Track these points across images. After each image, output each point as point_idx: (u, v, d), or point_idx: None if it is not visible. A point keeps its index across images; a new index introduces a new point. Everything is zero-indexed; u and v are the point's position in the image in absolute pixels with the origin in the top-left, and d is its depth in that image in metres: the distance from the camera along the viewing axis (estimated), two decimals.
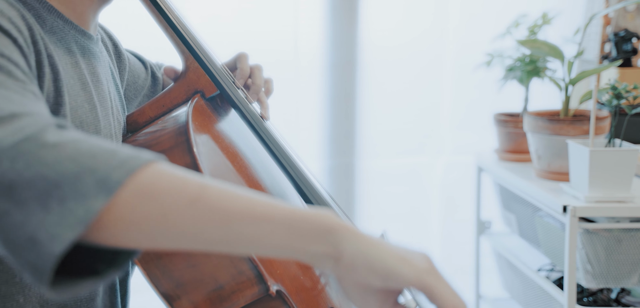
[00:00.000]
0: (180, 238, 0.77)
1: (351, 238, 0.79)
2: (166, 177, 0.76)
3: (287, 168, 1.25)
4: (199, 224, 0.76)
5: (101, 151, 0.75)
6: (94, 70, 1.15)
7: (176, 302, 1.08)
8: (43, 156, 0.73)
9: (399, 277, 0.79)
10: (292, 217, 0.78)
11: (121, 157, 0.75)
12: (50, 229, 0.72)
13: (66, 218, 0.72)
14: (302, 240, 0.78)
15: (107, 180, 0.73)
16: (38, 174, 0.73)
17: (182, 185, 0.76)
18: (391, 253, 0.80)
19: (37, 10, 1.06)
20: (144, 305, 1.63)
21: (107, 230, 0.75)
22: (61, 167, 0.73)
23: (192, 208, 0.76)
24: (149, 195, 0.75)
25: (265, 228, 0.77)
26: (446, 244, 2.74)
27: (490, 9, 2.64)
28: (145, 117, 1.23)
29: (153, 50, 1.66)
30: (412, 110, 2.69)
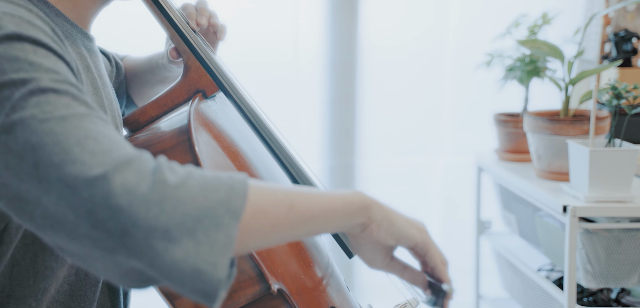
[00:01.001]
0: (281, 239, 0.96)
1: (378, 209, 1.00)
2: (263, 193, 0.90)
3: (287, 166, 1.25)
4: (295, 227, 0.93)
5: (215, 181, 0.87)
6: (100, 73, 1.15)
7: (177, 300, 1.08)
8: (180, 196, 0.84)
9: (409, 238, 1.01)
10: (345, 203, 0.97)
11: (228, 183, 0.88)
12: (209, 259, 0.84)
13: (215, 246, 0.84)
14: (351, 218, 0.98)
15: (232, 207, 0.86)
16: (184, 213, 0.83)
17: (277, 198, 0.92)
18: (403, 219, 1.02)
19: (49, 15, 1.05)
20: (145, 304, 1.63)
21: (240, 246, 0.88)
22: (197, 203, 0.84)
23: (290, 215, 0.92)
24: (261, 212, 0.89)
25: (332, 217, 0.97)
26: (446, 244, 2.74)
27: (490, 9, 2.64)
28: (146, 116, 1.23)
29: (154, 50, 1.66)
30: (412, 110, 2.69)
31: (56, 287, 1.08)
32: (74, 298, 1.11)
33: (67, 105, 0.87)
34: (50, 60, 0.90)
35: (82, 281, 1.11)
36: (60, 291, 1.09)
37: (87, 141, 0.85)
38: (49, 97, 0.87)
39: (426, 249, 1.03)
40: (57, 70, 0.90)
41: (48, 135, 0.84)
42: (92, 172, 0.82)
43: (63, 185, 0.83)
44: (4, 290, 1.05)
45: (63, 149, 0.84)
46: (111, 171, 0.83)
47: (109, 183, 0.82)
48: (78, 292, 1.11)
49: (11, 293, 1.05)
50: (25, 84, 0.87)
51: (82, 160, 0.83)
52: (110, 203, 0.82)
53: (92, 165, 0.83)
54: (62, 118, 0.86)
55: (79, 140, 0.84)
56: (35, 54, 0.90)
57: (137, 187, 0.82)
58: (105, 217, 0.82)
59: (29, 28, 0.92)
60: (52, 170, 0.83)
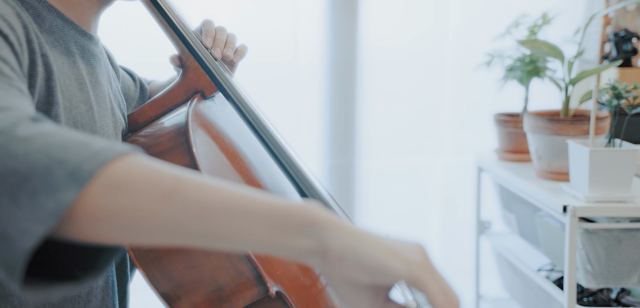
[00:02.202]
0: (154, 233, 0.73)
1: (337, 231, 0.74)
2: (140, 169, 0.73)
3: (286, 168, 1.25)
4: (174, 219, 0.72)
5: (73, 143, 0.72)
6: (93, 70, 1.15)
7: (176, 302, 1.08)
8: (13, 149, 0.71)
9: (388, 272, 0.74)
10: (272, 210, 0.73)
11: (94, 148, 0.72)
12: (20, 224, 0.69)
13: (36, 212, 0.69)
14: (284, 235, 0.73)
15: (78, 172, 0.70)
16: (8, 168, 0.70)
17: (156, 178, 0.73)
18: (380, 246, 0.74)
19: (36, 9, 1.06)
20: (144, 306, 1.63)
21: (79, 224, 0.72)
22: (31, 160, 0.71)
23: (166, 202, 0.72)
24: (121, 187, 0.71)
25: (244, 222, 0.73)
26: (446, 244, 2.74)
27: (490, 9, 2.64)
28: (145, 117, 1.23)
29: (153, 50, 1.66)
30: (412, 111, 2.69)
31: None
32: (68, 301, 1.10)
33: None
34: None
35: None
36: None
37: None
38: None
39: (421, 286, 0.75)
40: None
41: None
42: None
43: None
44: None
45: None
46: None
47: None
48: (71, 294, 1.11)
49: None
50: None
51: None
52: None
53: None
54: None
55: None
56: None
57: None
58: None
59: None
60: None
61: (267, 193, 0.75)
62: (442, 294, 0.75)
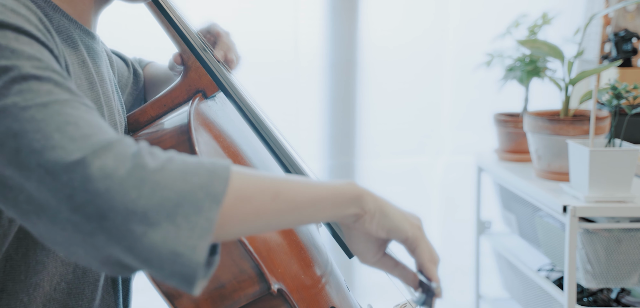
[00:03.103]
0: (267, 227, 0.95)
1: (372, 200, 0.99)
2: (247, 179, 0.90)
3: (287, 167, 1.25)
4: (281, 215, 0.93)
5: (196, 166, 0.87)
6: (98, 69, 1.15)
7: (178, 300, 1.08)
8: (159, 180, 0.84)
9: (400, 232, 1.00)
10: (335, 192, 0.96)
11: (210, 168, 0.87)
12: (187, 242, 0.83)
13: (194, 230, 0.84)
14: (342, 207, 0.97)
15: (214, 192, 0.86)
16: (163, 197, 0.83)
17: (262, 185, 0.91)
18: (398, 213, 1.00)
19: (44, 9, 1.05)
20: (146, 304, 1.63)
21: (221, 232, 0.88)
22: (177, 187, 0.84)
23: (275, 203, 0.91)
24: (244, 198, 0.89)
25: (321, 207, 0.96)
26: (446, 244, 2.74)
27: (490, 9, 2.64)
28: (146, 116, 1.23)
29: (154, 50, 1.66)
30: (412, 110, 2.69)
31: (51, 283, 1.08)
32: (72, 297, 1.10)
33: (49, 91, 0.88)
34: (33, 47, 0.91)
35: (80, 279, 1.11)
36: (57, 289, 1.09)
37: (67, 127, 0.85)
38: (30, 84, 0.88)
39: (416, 245, 1.01)
40: (39, 57, 0.91)
41: (29, 122, 0.85)
42: (71, 157, 0.83)
43: (43, 171, 0.83)
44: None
45: (44, 135, 0.84)
46: (90, 156, 0.83)
47: (88, 168, 0.83)
48: (76, 290, 1.11)
49: (4, 288, 1.05)
50: (7, 71, 0.88)
51: (61, 145, 0.84)
52: (89, 188, 0.82)
53: (72, 151, 0.83)
54: (44, 104, 0.86)
55: (59, 126, 0.85)
56: (17, 41, 0.91)
57: (115, 171, 0.83)
58: (84, 201, 0.82)
59: (11, 16, 0.92)
60: (33, 156, 0.84)
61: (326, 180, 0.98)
62: (429, 253, 1.02)
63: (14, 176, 0.85)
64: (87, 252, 0.85)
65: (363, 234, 1.01)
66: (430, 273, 1.01)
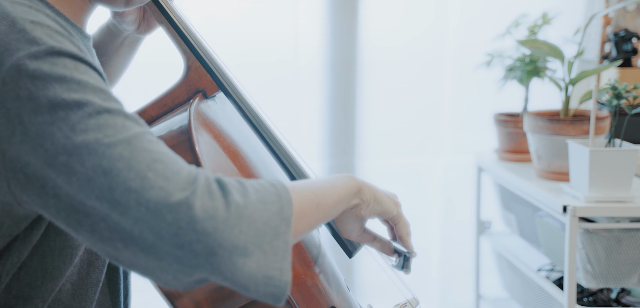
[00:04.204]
0: (310, 230, 1.05)
1: (368, 190, 1.15)
2: (300, 197, 1.01)
3: (287, 166, 1.25)
4: (319, 220, 1.06)
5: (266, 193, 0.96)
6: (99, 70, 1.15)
7: (178, 300, 1.08)
8: (250, 215, 0.93)
9: (388, 213, 1.19)
10: (346, 189, 1.11)
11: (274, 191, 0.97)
12: (275, 265, 0.93)
13: (277, 253, 0.93)
14: (350, 202, 1.12)
15: (286, 216, 0.96)
16: (256, 230, 0.92)
17: (308, 199, 1.03)
18: (385, 196, 1.19)
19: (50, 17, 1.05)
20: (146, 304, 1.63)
21: None
22: (263, 218, 0.93)
23: (318, 213, 1.04)
24: (301, 215, 1.00)
25: (340, 207, 1.10)
26: (446, 244, 2.74)
27: (490, 9, 2.64)
28: (146, 116, 1.23)
29: (154, 49, 1.66)
30: (412, 110, 2.69)
31: (60, 286, 1.09)
32: (75, 298, 1.11)
33: (124, 126, 0.92)
34: (91, 75, 0.93)
35: (83, 280, 1.11)
36: (62, 290, 1.09)
37: (156, 164, 0.90)
38: (105, 119, 0.91)
39: (398, 220, 1.21)
40: (102, 87, 0.93)
41: (118, 160, 0.89)
42: (174, 198, 0.89)
43: (144, 209, 0.88)
44: (11, 292, 1.05)
45: (137, 175, 0.89)
46: (190, 196, 0.89)
47: (192, 209, 0.89)
48: (79, 291, 1.11)
49: (19, 295, 1.05)
50: (80, 106, 0.90)
51: (159, 185, 0.89)
52: (196, 228, 0.89)
53: (172, 191, 0.89)
54: (127, 141, 0.90)
55: (149, 165, 0.90)
56: (77, 70, 0.92)
57: (216, 212, 0.90)
58: (192, 240, 0.89)
59: (63, 41, 0.94)
60: (131, 195, 0.89)
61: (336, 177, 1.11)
62: (405, 226, 1.23)
63: (99, 208, 0.89)
64: (177, 278, 0.92)
65: (354, 217, 1.18)
66: (407, 242, 1.22)
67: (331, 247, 1.37)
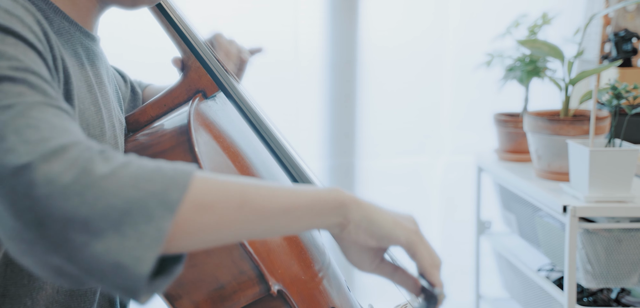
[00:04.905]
0: (233, 237, 0.88)
1: (357, 207, 0.94)
2: (211, 186, 0.85)
3: (288, 167, 1.25)
4: (247, 224, 0.87)
5: (151, 172, 0.82)
6: (97, 72, 1.15)
7: (177, 301, 1.08)
8: (106, 187, 0.79)
9: (391, 238, 0.94)
10: (314, 201, 0.91)
11: (169, 174, 0.82)
12: (132, 253, 0.79)
13: (142, 241, 0.79)
14: (322, 217, 0.92)
15: (167, 200, 0.81)
16: (108, 205, 0.79)
17: (227, 192, 0.86)
18: (387, 217, 0.95)
19: (44, 11, 1.05)
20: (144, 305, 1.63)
21: (176, 243, 0.83)
22: (126, 194, 0.80)
23: (240, 212, 0.86)
24: (204, 207, 0.84)
25: (296, 215, 0.90)
26: (446, 244, 2.74)
27: (490, 9, 2.64)
28: (146, 116, 1.23)
29: (154, 50, 1.66)
30: (412, 110, 2.69)
31: (53, 286, 1.08)
32: (74, 299, 1.11)
33: (20, 93, 0.85)
34: (17, 48, 0.90)
35: None
36: (60, 291, 1.09)
37: (27, 130, 0.82)
38: (3, 85, 0.86)
39: (414, 250, 0.95)
40: (21, 58, 0.89)
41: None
42: (19, 161, 0.79)
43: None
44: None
45: (2, 138, 0.82)
46: (37, 160, 0.79)
47: (33, 173, 0.79)
48: (77, 291, 1.11)
49: (5, 293, 1.05)
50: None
51: (14, 148, 0.80)
52: (31, 194, 0.78)
53: (22, 154, 0.80)
54: (9, 106, 0.84)
55: (18, 129, 0.82)
56: (3, 42, 0.90)
57: (59, 177, 0.79)
58: (25, 208, 0.79)
59: (4, 16, 0.92)
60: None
61: (306, 186, 0.93)
62: (429, 257, 0.96)
63: None
64: (34, 261, 0.82)
65: (354, 245, 0.96)
66: (432, 277, 0.96)
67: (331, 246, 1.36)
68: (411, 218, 0.97)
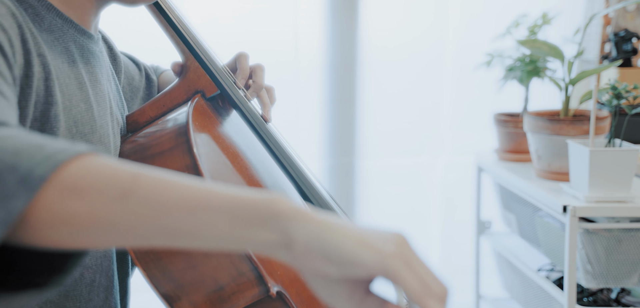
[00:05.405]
0: (114, 235, 0.71)
1: (303, 222, 0.69)
2: (96, 170, 0.70)
3: (287, 168, 1.25)
4: (131, 219, 0.69)
5: (27, 146, 0.70)
6: (92, 69, 1.15)
7: (176, 303, 1.08)
8: None
9: (356, 263, 0.68)
10: (233, 204, 0.70)
11: (48, 151, 0.69)
12: None
13: None
14: (247, 228, 0.69)
15: (29, 177, 0.68)
16: None
17: (111, 179, 0.70)
18: (349, 236, 0.69)
19: (35, 8, 1.05)
20: (144, 306, 1.63)
21: (34, 230, 0.69)
22: None
23: (122, 203, 0.69)
24: (75, 190, 0.69)
25: (204, 217, 0.70)
26: (446, 244, 2.74)
27: (490, 9, 2.64)
28: (145, 116, 1.23)
29: (153, 50, 1.66)
30: (412, 111, 2.69)
31: None
32: (68, 299, 1.10)
33: None
34: None
35: (77, 281, 1.11)
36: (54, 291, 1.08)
37: None
38: None
39: (394, 277, 0.68)
40: None
41: None
42: None
43: None
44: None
45: None
46: None
47: None
48: (72, 291, 1.11)
49: None
50: None
51: None
52: None
53: None
54: None
55: None
56: None
57: None
58: None
59: None
60: None
61: (229, 186, 0.72)
62: (419, 285, 0.69)
63: None
64: None
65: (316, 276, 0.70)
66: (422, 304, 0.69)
67: None
68: (394, 236, 0.70)
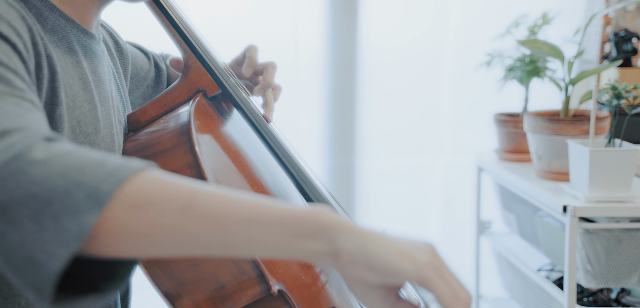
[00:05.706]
0: (175, 247, 0.77)
1: (348, 234, 0.77)
2: (156, 185, 0.75)
3: (288, 168, 1.25)
4: (192, 232, 0.75)
5: (89, 163, 0.74)
6: (95, 69, 1.15)
7: (178, 301, 1.08)
8: (32, 174, 0.72)
9: (397, 273, 0.77)
10: (285, 217, 0.77)
11: (109, 167, 0.74)
12: (46, 247, 0.71)
13: (60, 235, 0.72)
14: (298, 240, 0.77)
15: (97, 192, 0.72)
16: (29, 193, 0.72)
17: (172, 193, 0.75)
18: (390, 247, 0.77)
19: (38, 8, 1.05)
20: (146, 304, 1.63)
21: (102, 243, 0.74)
22: (51, 184, 0.72)
23: (184, 216, 0.75)
24: (139, 205, 0.74)
25: (259, 231, 0.76)
26: (446, 244, 2.74)
27: (490, 9, 2.64)
28: (147, 116, 1.23)
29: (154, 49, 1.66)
30: (412, 111, 2.69)
31: None
32: None
33: None
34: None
35: None
36: None
37: None
38: None
39: (429, 285, 0.77)
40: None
41: None
42: None
43: None
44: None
45: None
46: None
47: None
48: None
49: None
50: None
51: None
52: None
53: None
54: None
55: None
56: None
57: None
58: None
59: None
60: None
61: (278, 200, 0.78)
62: (450, 293, 0.77)
63: None
64: None
65: (357, 282, 0.79)
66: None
67: None
68: (427, 247, 0.79)
